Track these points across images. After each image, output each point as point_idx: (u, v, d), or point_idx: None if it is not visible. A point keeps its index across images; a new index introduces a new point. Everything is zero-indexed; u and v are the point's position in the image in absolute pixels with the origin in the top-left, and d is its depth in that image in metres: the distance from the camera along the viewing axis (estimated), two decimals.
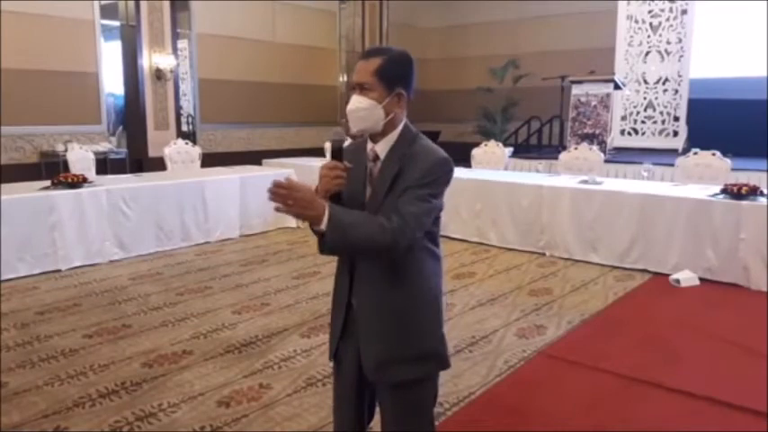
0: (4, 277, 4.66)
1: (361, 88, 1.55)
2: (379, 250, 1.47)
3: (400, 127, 1.60)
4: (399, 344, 1.58)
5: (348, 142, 1.64)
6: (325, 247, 1.44)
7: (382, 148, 1.59)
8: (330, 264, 1.78)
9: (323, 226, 1.39)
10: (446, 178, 1.57)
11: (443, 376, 2.99)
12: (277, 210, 1.40)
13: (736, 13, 9.08)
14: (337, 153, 1.54)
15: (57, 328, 3.72)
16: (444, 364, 1.67)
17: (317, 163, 7.70)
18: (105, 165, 7.77)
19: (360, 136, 1.67)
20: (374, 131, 1.58)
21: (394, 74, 1.56)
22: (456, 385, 2.93)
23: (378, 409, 1.74)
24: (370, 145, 1.62)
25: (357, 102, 1.55)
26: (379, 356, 1.59)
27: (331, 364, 1.79)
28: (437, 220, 1.62)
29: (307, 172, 7.23)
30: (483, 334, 3.66)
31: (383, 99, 1.54)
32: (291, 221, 6.73)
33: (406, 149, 1.57)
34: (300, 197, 1.39)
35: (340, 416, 1.76)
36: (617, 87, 8.77)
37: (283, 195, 1.37)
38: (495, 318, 3.96)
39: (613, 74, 8.95)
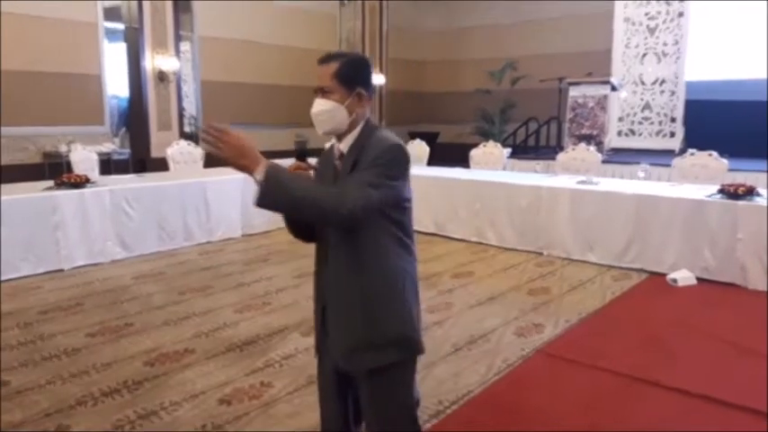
0: (7, 277, 4.65)
1: (323, 91, 1.59)
2: (322, 212, 1.47)
3: (361, 124, 1.65)
4: (364, 332, 1.61)
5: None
6: (258, 198, 1.41)
7: (345, 145, 1.64)
8: None
9: (257, 175, 1.40)
10: (398, 162, 1.57)
11: (442, 375, 3.01)
12: (207, 151, 1.41)
13: (732, 15, 9.08)
14: (300, 154, 1.64)
15: (59, 328, 3.71)
16: (414, 349, 1.67)
17: None
18: (108, 165, 7.76)
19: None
20: (339, 131, 1.63)
21: (352, 75, 1.60)
22: (455, 384, 2.92)
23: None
24: (336, 144, 1.67)
25: (320, 104, 1.60)
26: (346, 345, 1.63)
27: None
28: (405, 210, 1.64)
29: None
30: (482, 333, 3.65)
31: (345, 100, 1.59)
32: None
33: (364, 143, 1.61)
34: (233, 143, 1.39)
35: (324, 411, 1.79)
36: (614, 89, 8.76)
37: (214, 137, 1.39)
38: (494, 317, 3.94)
39: (610, 75, 8.94)
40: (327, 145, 1.72)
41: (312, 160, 1.75)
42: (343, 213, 1.45)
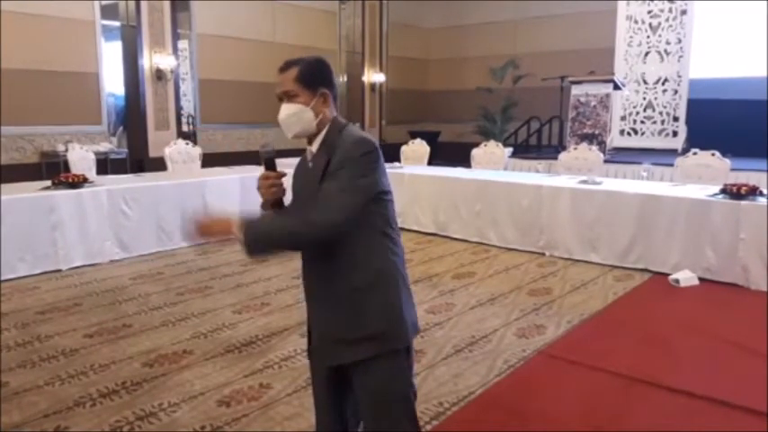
0: (4, 277, 4.66)
1: (288, 96, 1.64)
2: (304, 239, 1.59)
3: (329, 124, 1.68)
4: (346, 326, 1.63)
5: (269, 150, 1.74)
6: (247, 253, 1.59)
7: (315, 145, 1.69)
8: None
9: (237, 235, 1.55)
10: (366, 157, 1.59)
11: (443, 376, 3.02)
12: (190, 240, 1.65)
13: (735, 13, 9.08)
14: (269, 163, 1.67)
15: (57, 328, 3.72)
16: (399, 340, 1.67)
17: None
18: (106, 165, 7.77)
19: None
20: (308, 133, 1.67)
21: (313, 77, 1.66)
22: (456, 385, 2.93)
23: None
24: (308, 147, 1.71)
25: (286, 109, 1.66)
26: (331, 340, 1.67)
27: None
28: (386, 202, 1.65)
29: None
30: (483, 333, 3.66)
31: (309, 102, 1.64)
32: None
33: (332, 141, 1.64)
34: (205, 227, 1.60)
35: (319, 412, 1.82)
36: (616, 87, 8.77)
37: (193, 234, 1.61)
38: (495, 317, 3.95)
39: (613, 74, 8.94)
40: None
41: (289, 160, 1.80)
42: (321, 233, 1.55)
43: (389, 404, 1.67)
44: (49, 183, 5.28)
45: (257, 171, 6.88)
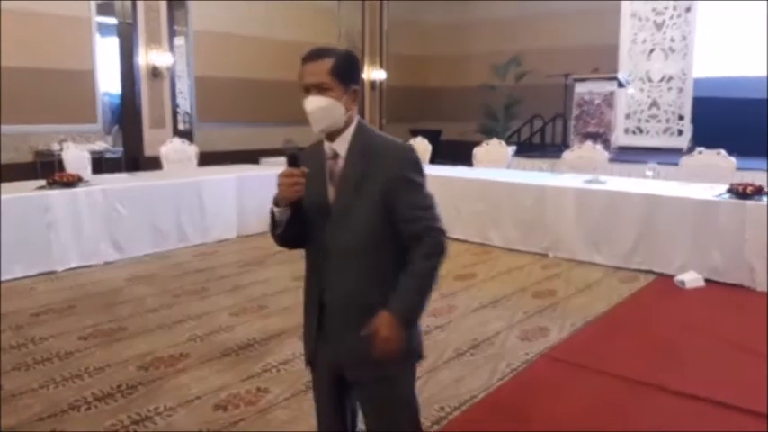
0: None
1: (320, 88, 1.57)
2: (440, 265, 1.60)
3: (355, 122, 1.65)
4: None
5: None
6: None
7: (341, 145, 1.63)
8: None
9: (403, 330, 1.55)
10: (421, 166, 1.63)
11: (445, 380, 3.01)
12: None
13: (740, 10, 9.08)
14: (292, 160, 1.58)
15: (52, 330, 3.72)
16: (421, 355, 1.72)
17: None
18: (101, 164, 7.76)
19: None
20: (335, 129, 1.62)
21: (348, 72, 1.61)
22: (458, 389, 2.92)
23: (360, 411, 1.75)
24: (327, 144, 1.65)
25: (316, 101, 1.58)
26: (357, 355, 1.61)
27: (308, 370, 1.80)
28: None
29: None
30: (485, 336, 3.66)
31: (341, 97, 1.58)
32: None
33: (364, 144, 1.62)
34: (390, 349, 1.55)
35: (323, 422, 1.77)
36: (621, 85, 8.76)
37: (383, 355, 1.55)
38: (498, 320, 3.95)
39: (617, 72, 8.94)
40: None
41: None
42: (443, 246, 1.59)
43: (402, 412, 1.68)
44: (43, 182, 5.28)
45: (254, 170, 6.86)
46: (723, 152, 5.90)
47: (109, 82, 8.70)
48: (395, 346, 1.53)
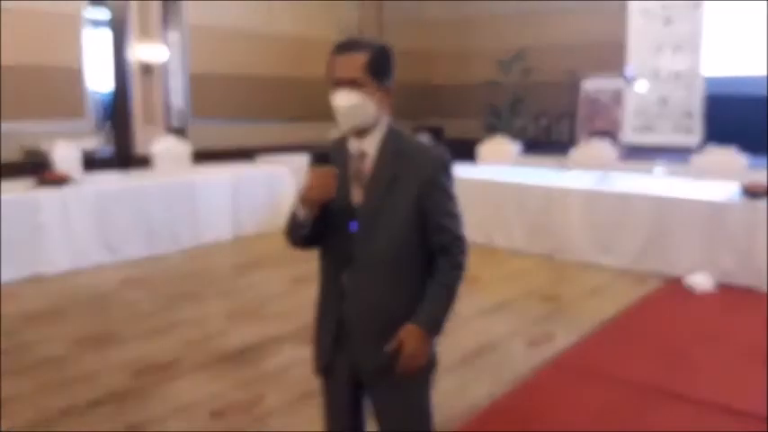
0: None
1: (352, 84, 1.52)
2: (462, 278, 1.66)
3: (386, 121, 1.62)
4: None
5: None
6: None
7: (370, 144, 1.60)
8: None
9: (430, 341, 1.59)
10: (452, 169, 1.65)
11: (448, 386, 3.01)
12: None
13: (750, 7, 9.09)
14: (323, 159, 1.54)
15: (43, 335, 3.72)
16: (437, 363, 1.72)
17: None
18: (92, 162, 7.75)
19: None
20: (365, 127, 1.58)
21: (383, 68, 1.57)
22: (461, 396, 2.93)
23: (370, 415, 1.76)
24: (354, 142, 1.61)
25: (348, 98, 1.53)
26: (382, 364, 1.60)
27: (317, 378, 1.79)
28: None
29: (303, 170, 7.19)
30: (489, 342, 3.66)
31: (375, 94, 1.55)
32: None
33: (397, 146, 1.59)
34: (418, 361, 1.57)
35: (334, 428, 1.76)
36: (629, 82, 8.77)
37: (410, 369, 1.56)
38: (502, 325, 3.95)
39: (624, 69, 8.94)
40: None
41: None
42: (464, 264, 1.64)
43: (415, 421, 1.69)
44: (32, 182, 5.27)
45: (250, 169, 6.83)
46: (734, 150, 5.90)
47: (99, 78, 8.71)
48: (422, 361, 1.55)
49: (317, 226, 1.58)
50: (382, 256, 1.58)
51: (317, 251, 1.70)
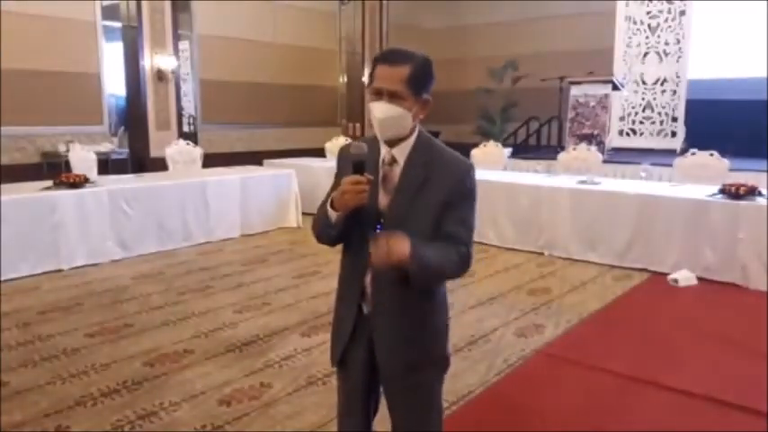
0: (6, 277, 4.65)
1: (392, 95, 1.49)
2: (456, 276, 1.61)
3: (417, 131, 1.58)
4: (427, 346, 1.63)
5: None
6: (412, 282, 1.47)
7: (401, 152, 1.56)
8: (331, 263, 1.80)
9: (410, 262, 1.41)
10: (476, 182, 1.63)
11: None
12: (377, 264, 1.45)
13: (734, 13, 9.08)
14: (359, 166, 1.49)
15: (58, 328, 3.72)
16: (449, 364, 1.74)
17: (317, 163, 7.69)
18: (107, 165, 7.76)
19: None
20: (399, 138, 1.55)
21: (423, 81, 1.52)
22: (455, 384, 2.93)
23: (381, 409, 1.75)
24: (385, 149, 1.58)
25: (386, 109, 1.49)
26: (407, 359, 1.59)
27: (333, 368, 1.77)
28: None
29: (307, 173, 7.21)
30: (482, 333, 3.66)
31: (413, 107, 1.51)
32: (292, 221, 6.74)
33: (427, 155, 1.56)
34: (392, 251, 1.41)
35: (349, 420, 1.75)
36: (615, 88, 8.76)
37: (384, 252, 1.41)
38: (494, 317, 3.95)
39: (612, 75, 8.94)
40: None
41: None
42: (467, 269, 1.59)
43: (428, 416, 1.69)
44: (50, 183, 5.27)
45: (258, 171, 6.86)
46: (716, 153, 5.90)
47: (114, 84, 8.71)
48: (391, 257, 1.40)
49: (345, 227, 1.55)
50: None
51: (340, 249, 1.67)
